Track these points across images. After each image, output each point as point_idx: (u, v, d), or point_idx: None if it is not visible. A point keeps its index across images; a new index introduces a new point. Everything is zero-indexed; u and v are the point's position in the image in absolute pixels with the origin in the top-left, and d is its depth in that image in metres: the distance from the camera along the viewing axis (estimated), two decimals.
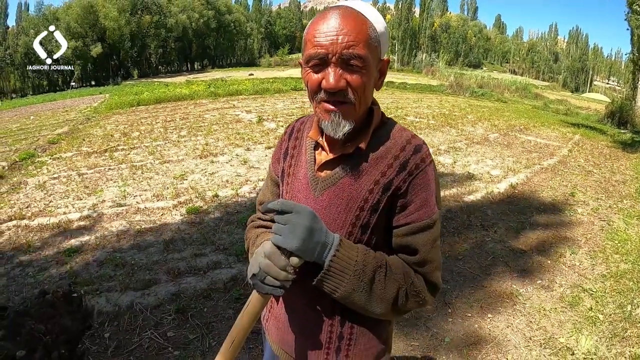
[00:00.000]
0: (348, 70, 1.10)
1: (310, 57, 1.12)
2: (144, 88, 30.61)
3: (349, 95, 1.12)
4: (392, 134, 1.25)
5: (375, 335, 1.33)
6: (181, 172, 7.75)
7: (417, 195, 1.20)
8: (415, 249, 1.21)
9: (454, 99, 24.67)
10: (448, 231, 5.37)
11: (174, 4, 70.14)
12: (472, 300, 3.88)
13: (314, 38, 1.11)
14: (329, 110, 1.14)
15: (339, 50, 1.08)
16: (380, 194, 1.20)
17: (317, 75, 1.13)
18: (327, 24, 1.10)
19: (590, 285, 4.27)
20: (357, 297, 1.17)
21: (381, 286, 1.18)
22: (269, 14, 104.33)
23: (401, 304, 1.20)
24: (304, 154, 1.34)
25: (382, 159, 1.22)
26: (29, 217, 5.86)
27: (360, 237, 1.23)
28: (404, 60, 78.72)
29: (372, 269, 1.17)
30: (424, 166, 1.20)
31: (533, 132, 13.75)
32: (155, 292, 3.85)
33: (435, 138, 11.19)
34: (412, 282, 1.20)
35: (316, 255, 1.13)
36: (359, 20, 1.12)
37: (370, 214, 1.21)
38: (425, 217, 1.20)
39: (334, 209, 1.23)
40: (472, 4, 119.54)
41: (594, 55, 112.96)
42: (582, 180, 8.11)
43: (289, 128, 1.46)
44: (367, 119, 1.25)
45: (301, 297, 1.30)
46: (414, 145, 1.22)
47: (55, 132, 13.29)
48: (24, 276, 4.34)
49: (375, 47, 1.14)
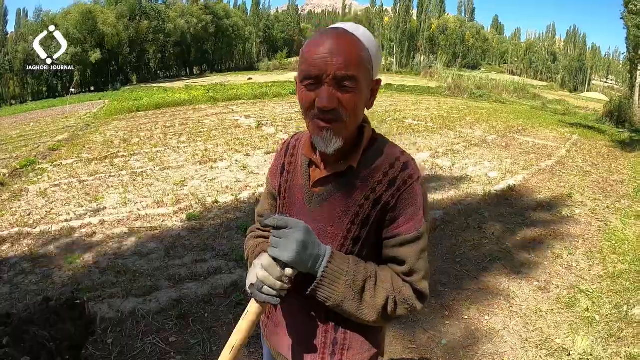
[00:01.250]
0: (341, 90, 1.15)
1: (305, 76, 1.18)
2: (143, 93, 30.61)
3: (340, 114, 1.17)
4: (381, 152, 1.31)
5: (368, 340, 1.39)
6: (181, 178, 7.80)
7: (405, 210, 1.26)
8: (403, 260, 1.27)
9: (453, 101, 24.69)
10: (445, 234, 5.41)
11: (172, 9, 70.04)
12: (469, 302, 3.93)
13: (310, 58, 1.16)
14: (321, 127, 1.18)
15: (333, 71, 1.13)
16: (371, 208, 1.27)
17: (311, 93, 1.17)
18: (323, 45, 1.15)
19: (587, 286, 4.31)
20: (348, 305, 1.24)
21: (371, 295, 1.24)
22: (267, 18, 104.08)
23: (390, 311, 1.26)
24: (299, 170, 1.40)
25: (372, 175, 1.28)
26: (31, 225, 5.90)
27: (351, 249, 1.30)
28: (402, 62, 78.60)
29: (362, 279, 1.24)
30: (412, 182, 1.26)
31: (531, 133, 13.78)
32: (157, 298, 3.90)
33: (433, 141, 11.23)
34: (400, 291, 1.26)
35: (310, 266, 1.20)
36: (352, 43, 1.18)
37: (361, 228, 1.28)
38: (412, 230, 1.26)
39: (327, 222, 1.30)
40: (470, 5, 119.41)
41: (592, 55, 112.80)
42: (580, 181, 8.14)
43: (285, 144, 1.52)
44: (358, 137, 1.31)
45: (298, 305, 1.37)
46: (402, 163, 1.28)
47: (55, 138, 13.31)
48: (27, 283, 4.38)
49: (367, 69, 1.21)
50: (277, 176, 1.49)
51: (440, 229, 5.54)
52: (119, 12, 59.53)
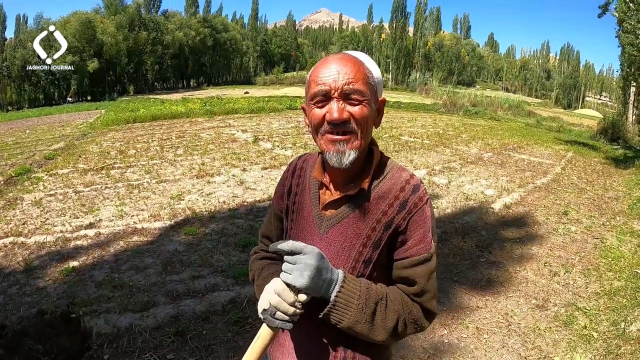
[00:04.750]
0: (350, 103, 1.21)
1: (314, 95, 1.23)
2: (140, 104, 30.66)
3: (352, 126, 1.21)
4: (391, 174, 1.34)
5: (376, 357, 1.39)
6: (178, 192, 7.77)
7: (416, 232, 1.28)
8: (414, 281, 1.29)
9: (448, 118, 24.84)
10: (443, 252, 5.40)
11: (171, 21, 70.37)
12: (468, 322, 3.92)
13: (318, 78, 1.23)
14: (334, 140, 1.22)
15: (341, 86, 1.19)
16: (382, 231, 1.28)
17: (321, 110, 1.23)
18: (329, 66, 1.23)
19: (585, 304, 4.31)
20: (360, 327, 1.24)
21: (382, 317, 1.26)
22: (265, 33, 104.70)
23: (401, 331, 1.28)
24: (307, 192, 1.42)
25: (384, 198, 1.30)
26: (26, 234, 5.87)
27: (362, 271, 1.31)
28: (397, 79, 78.97)
29: (374, 302, 1.25)
30: (422, 204, 1.29)
31: (526, 150, 13.87)
32: (154, 314, 3.86)
33: (430, 158, 11.28)
34: (410, 312, 1.29)
35: (322, 291, 1.22)
36: (357, 62, 1.25)
37: (373, 250, 1.30)
38: (423, 252, 1.29)
39: (339, 245, 1.31)
40: (465, 23, 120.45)
41: (586, 72, 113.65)
42: (575, 198, 8.18)
43: (292, 166, 1.54)
44: (368, 159, 1.34)
45: (307, 327, 1.34)
46: (412, 186, 1.30)
47: (51, 147, 13.31)
48: (21, 294, 4.34)
49: (372, 86, 1.27)
50: (284, 198, 1.50)
51: (437, 247, 5.51)
52: (119, 22, 59.81)
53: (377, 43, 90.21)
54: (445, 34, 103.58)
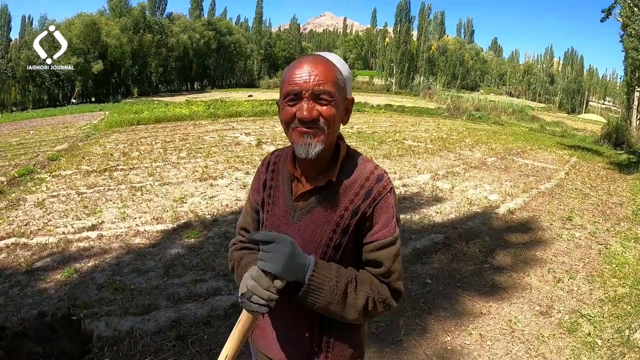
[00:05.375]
0: (319, 103, 1.32)
1: (287, 94, 1.34)
2: (143, 106, 30.77)
3: (319, 124, 1.33)
4: (357, 166, 1.47)
5: (350, 339, 1.55)
6: (181, 194, 7.76)
7: (380, 218, 1.42)
8: (380, 263, 1.43)
9: (452, 122, 24.84)
10: (446, 258, 5.37)
11: (175, 24, 70.66)
12: (471, 328, 3.89)
13: (291, 79, 1.34)
14: (302, 132, 1.33)
15: (311, 87, 1.31)
16: (350, 218, 1.41)
17: (292, 108, 1.34)
18: (302, 67, 1.34)
19: (589, 311, 4.27)
20: (333, 307, 1.37)
21: (353, 297, 1.38)
22: (269, 36, 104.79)
23: (370, 310, 1.40)
24: (281, 185, 1.54)
25: (350, 188, 1.43)
26: (28, 235, 5.86)
27: (333, 255, 1.44)
28: (401, 83, 79.10)
29: (344, 283, 1.37)
30: (386, 193, 1.43)
31: (530, 155, 13.82)
32: (155, 318, 3.83)
33: (433, 163, 11.25)
34: (378, 292, 1.42)
35: (296, 275, 1.32)
36: (327, 64, 1.36)
37: (342, 236, 1.43)
38: (388, 236, 1.42)
39: (310, 232, 1.44)
40: (469, 27, 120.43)
41: (589, 76, 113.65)
42: (579, 204, 8.14)
43: (266, 161, 1.66)
44: (335, 153, 1.47)
45: (286, 313, 1.50)
46: (376, 176, 1.44)
47: (54, 148, 13.33)
48: (22, 296, 4.33)
49: (341, 87, 1.38)
50: (260, 192, 1.62)
51: (441, 253, 5.51)
52: (123, 24, 60.05)
53: (381, 47, 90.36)
54: (449, 38, 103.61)
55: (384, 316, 3.95)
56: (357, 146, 13.44)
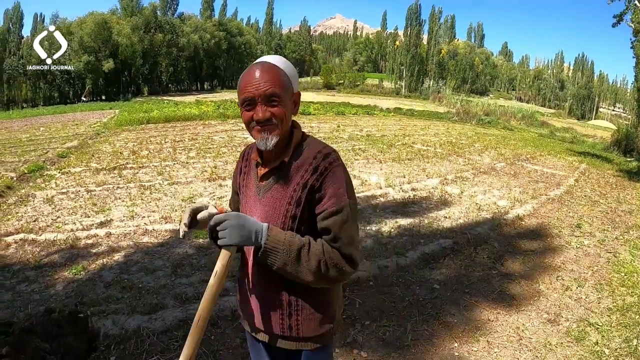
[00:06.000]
0: (270, 105, 1.58)
1: (243, 101, 1.62)
2: (153, 106, 30.89)
3: (273, 122, 1.59)
4: (308, 148, 1.71)
5: (318, 304, 1.74)
6: (190, 194, 7.79)
7: (328, 190, 1.62)
8: (329, 229, 1.61)
9: (461, 127, 24.77)
10: (455, 263, 5.35)
11: (186, 24, 70.91)
12: (479, 335, 3.86)
13: (244, 87, 1.61)
14: (259, 130, 1.61)
15: (262, 93, 1.57)
16: (300, 191, 1.64)
17: (249, 112, 1.61)
18: (253, 77, 1.59)
19: (597, 319, 4.23)
20: (289, 268, 1.59)
21: (306, 259, 1.59)
22: (280, 37, 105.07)
23: (324, 272, 1.59)
24: (251, 170, 1.81)
25: (301, 166, 1.66)
26: (36, 232, 5.90)
27: (291, 225, 1.66)
28: (411, 86, 78.78)
29: (297, 247, 1.59)
30: (332, 168, 1.64)
31: (540, 161, 13.75)
32: (162, 317, 3.83)
33: (442, 167, 11.22)
34: (330, 256, 1.59)
35: (253, 240, 1.59)
36: (273, 70, 1.62)
37: (296, 208, 1.65)
38: (334, 205, 1.61)
39: (272, 206, 1.68)
40: (479, 31, 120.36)
41: (600, 82, 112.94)
42: (588, 211, 8.07)
43: (242, 153, 1.94)
44: (289, 138, 1.71)
45: (257, 277, 1.76)
46: (323, 154, 1.67)
47: (64, 145, 13.41)
48: (29, 292, 4.36)
49: (288, 87, 1.65)
50: (237, 177, 1.92)
51: (449, 258, 5.48)
52: (135, 23, 60.34)
53: (391, 50, 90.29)
54: (459, 42, 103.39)
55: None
56: (366, 149, 13.47)
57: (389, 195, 8.19)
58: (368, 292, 4.53)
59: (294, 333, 1.73)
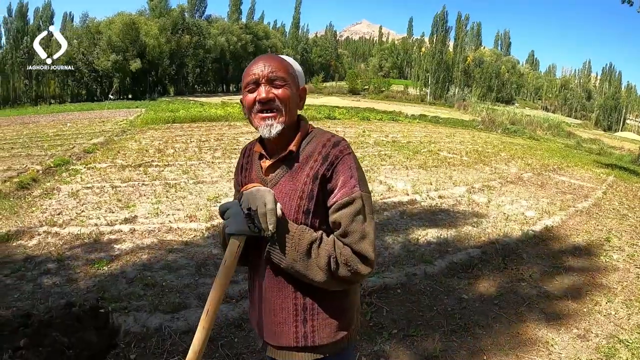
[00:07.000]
0: (274, 87, 1.54)
1: (247, 83, 1.57)
2: (179, 106, 31.22)
3: (277, 104, 1.54)
4: (316, 137, 1.64)
5: (334, 309, 1.64)
6: (215, 194, 7.80)
7: (339, 180, 1.54)
8: (339, 223, 1.53)
9: (487, 135, 24.56)
10: (483, 273, 5.25)
11: (213, 27, 71.61)
12: (508, 348, 3.76)
13: (249, 71, 1.57)
14: (263, 116, 1.55)
15: (266, 74, 1.54)
16: (312, 183, 1.54)
17: (252, 94, 1.56)
18: (258, 62, 1.58)
19: (627, 336, 4.10)
20: (298, 266, 1.50)
21: (315, 254, 1.49)
22: (306, 42, 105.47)
23: (334, 270, 1.49)
24: (253, 164, 1.73)
25: (310, 156, 1.58)
26: (60, 225, 5.96)
27: (304, 221, 1.56)
28: (436, 93, 78.36)
29: (307, 242, 1.50)
30: (342, 156, 1.56)
31: (567, 172, 13.51)
32: (185, 317, 3.81)
33: (469, 175, 11.07)
34: (340, 252, 1.49)
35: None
36: (279, 58, 1.62)
37: (309, 201, 1.55)
38: (345, 196, 1.52)
39: (281, 200, 1.55)
40: (506, 39, 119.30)
41: (628, 93, 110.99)
42: (617, 225, 7.88)
43: (243, 150, 1.87)
44: (296, 129, 1.65)
45: (267, 282, 1.64)
46: (332, 142, 1.59)
47: (91, 141, 13.60)
48: (50, 284, 4.39)
49: (293, 76, 1.63)
50: (239, 175, 1.82)
51: (477, 268, 5.39)
52: (162, 25, 61.08)
53: (417, 56, 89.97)
54: (486, 50, 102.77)
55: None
56: (392, 155, 13.39)
57: (416, 202, 8.10)
58: (396, 299, 4.46)
59: (309, 342, 1.61)
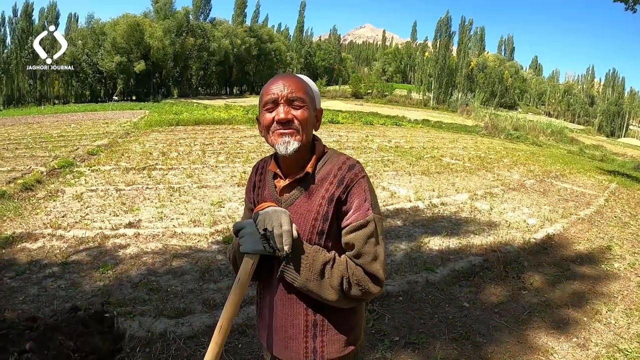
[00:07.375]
0: (293, 107, 1.56)
1: (266, 103, 1.58)
2: (183, 108, 31.30)
3: (295, 124, 1.55)
4: (331, 159, 1.66)
5: (343, 325, 1.67)
6: (219, 198, 7.83)
7: (354, 202, 1.57)
8: (352, 245, 1.55)
9: (489, 141, 24.54)
10: (484, 281, 5.27)
11: (218, 29, 71.71)
12: (508, 356, 3.78)
13: (269, 90, 1.58)
14: (281, 133, 1.55)
15: (286, 95, 1.55)
16: (327, 205, 1.57)
17: (270, 114, 1.57)
18: (277, 82, 1.58)
19: (626, 345, 4.12)
20: (311, 285, 1.53)
21: (329, 275, 1.52)
22: (309, 45, 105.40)
23: (346, 289, 1.52)
24: (267, 184, 1.73)
25: (326, 179, 1.61)
26: (64, 228, 5.99)
27: (319, 242, 1.59)
28: (439, 98, 78.33)
29: (321, 263, 1.52)
30: (357, 179, 1.59)
31: (569, 179, 13.51)
32: (189, 322, 3.84)
33: (472, 182, 11.10)
34: (353, 273, 1.53)
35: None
36: (298, 79, 1.62)
37: (323, 223, 1.58)
38: (359, 219, 1.55)
39: (296, 221, 1.58)
40: (509, 44, 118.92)
41: (631, 99, 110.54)
42: (618, 233, 7.89)
43: (255, 167, 1.86)
44: (311, 150, 1.67)
45: (279, 298, 1.66)
46: (347, 165, 1.62)
47: (94, 143, 13.64)
48: (55, 288, 4.41)
49: (312, 97, 1.64)
50: (251, 192, 1.83)
51: (478, 276, 5.41)
52: (167, 27, 61.19)
53: (420, 61, 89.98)
54: (489, 55, 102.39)
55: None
56: (395, 160, 13.42)
57: (419, 209, 8.13)
58: (397, 307, 4.49)
59: (319, 357, 1.65)
